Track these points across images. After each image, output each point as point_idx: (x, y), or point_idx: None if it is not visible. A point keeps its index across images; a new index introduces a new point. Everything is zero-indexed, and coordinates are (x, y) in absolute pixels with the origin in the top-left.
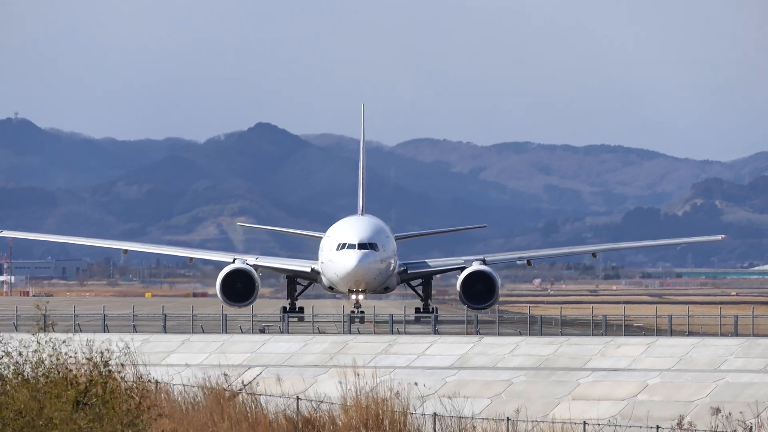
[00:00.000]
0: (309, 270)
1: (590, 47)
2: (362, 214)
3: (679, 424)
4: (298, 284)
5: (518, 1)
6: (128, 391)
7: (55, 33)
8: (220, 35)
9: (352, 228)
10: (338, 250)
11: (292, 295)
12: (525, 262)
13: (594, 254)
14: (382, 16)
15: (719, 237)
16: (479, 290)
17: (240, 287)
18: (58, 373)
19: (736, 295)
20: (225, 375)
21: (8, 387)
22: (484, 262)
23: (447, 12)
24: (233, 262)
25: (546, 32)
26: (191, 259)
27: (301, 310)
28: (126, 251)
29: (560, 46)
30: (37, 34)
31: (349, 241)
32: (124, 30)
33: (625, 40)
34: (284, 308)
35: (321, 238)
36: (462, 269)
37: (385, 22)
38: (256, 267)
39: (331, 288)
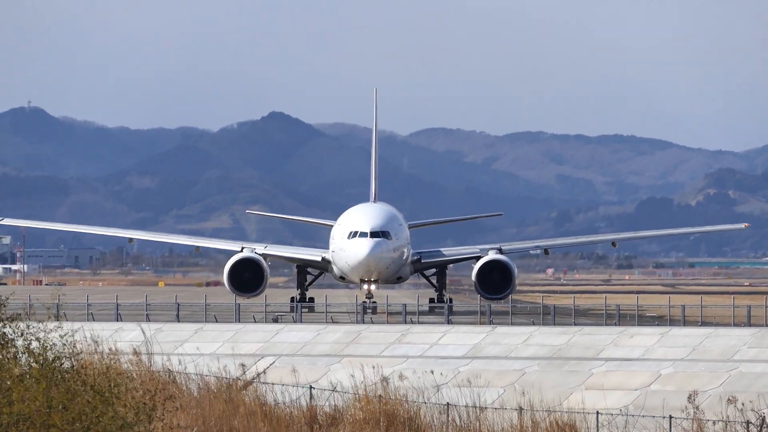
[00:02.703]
0: (319, 259)
1: (603, 37)
2: (375, 202)
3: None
4: (308, 274)
5: None
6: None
7: (68, 22)
8: (233, 24)
9: (364, 215)
10: (349, 238)
11: (302, 285)
12: (542, 251)
13: (613, 243)
14: (395, 5)
15: (742, 225)
16: (495, 280)
17: (248, 277)
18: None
19: (749, 285)
20: (242, 365)
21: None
22: (500, 251)
23: (460, 2)
24: (241, 250)
25: (560, 22)
26: (198, 248)
27: (312, 300)
28: (132, 239)
29: (574, 36)
30: (50, 23)
31: (360, 229)
32: (138, 19)
33: (639, 30)
34: (294, 298)
35: (332, 226)
36: (477, 258)
37: (399, 12)
38: (265, 256)
39: (342, 278)
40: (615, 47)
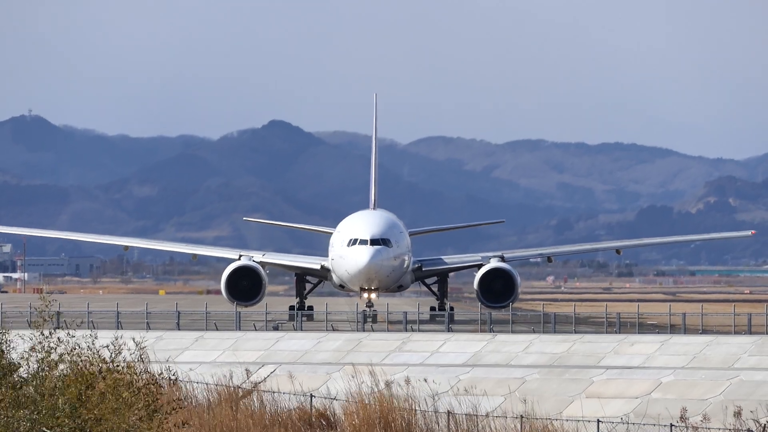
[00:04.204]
0: (318, 267)
1: (604, 45)
2: (374, 208)
3: (682, 418)
4: (307, 282)
5: None
6: (144, 387)
7: (68, 30)
8: (233, 32)
9: (363, 223)
10: (349, 246)
11: (301, 294)
12: (545, 258)
13: (618, 251)
14: (395, 13)
15: (749, 233)
16: (497, 288)
17: (246, 285)
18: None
19: (750, 293)
20: (247, 371)
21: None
22: (502, 258)
23: (460, 10)
24: (239, 258)
25: (560, 30)
26: (195, 256)
27: (311, 308)
28: (127, 247)
29: (574, 44)
30: (50, 31)
31: (360, 237)
32: (138, 27)
33: (639, 38)
34: (293, 307)
35: (332, 233)
36: (479, 266)
37: (398, 20)
38: (263, 264)
39: (342, 286)
40: (615, 55)
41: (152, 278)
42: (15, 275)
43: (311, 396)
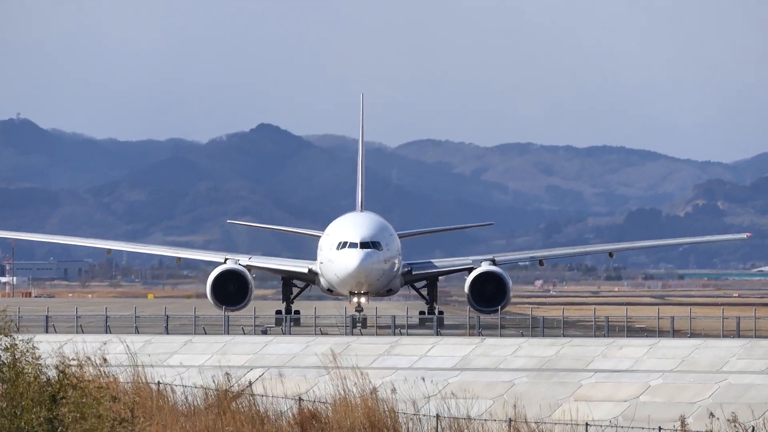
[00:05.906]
0: (306, 271)
1: (593, 48)
2: (362, 210)
3: (682, 424)
4: (294, 286)
5: (521, 1)
6: (120, 394)
7: (57, 33)
8: (222, 36)
9: (353, 225)
10: (338, 249)
11: (287, 298)
12: (535, 262)
13: (610, 254)
14: (384, 17)
15: (744, 235)
16: (489, 292)
17: (232, 289)
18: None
19: (738, 296)
20: (227, 375)
21: None
22: (493, 262)
23: (449, 12)
24: (225, 262)
25: (548, 33)
26: (179, 259)
27: (297, 313)
28: (110, 251)
29: (562, 47)
30: (39, 34)
31: (350, 240)
32: (127, 30)
33: (628, 41)
34: (279, 311)
35: (320, 236)
36: (470, 270)
37: (388, 23)
38: (249, 268)
39: (330, 290)
40: (604, 58)
41: (141, 282)
42: (3, 279)
43: (299, 399)
